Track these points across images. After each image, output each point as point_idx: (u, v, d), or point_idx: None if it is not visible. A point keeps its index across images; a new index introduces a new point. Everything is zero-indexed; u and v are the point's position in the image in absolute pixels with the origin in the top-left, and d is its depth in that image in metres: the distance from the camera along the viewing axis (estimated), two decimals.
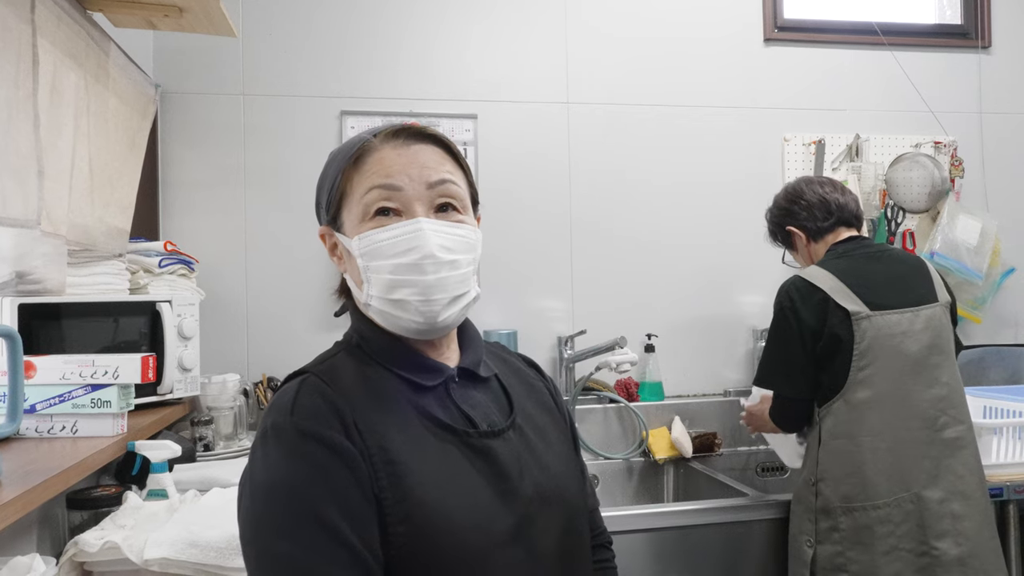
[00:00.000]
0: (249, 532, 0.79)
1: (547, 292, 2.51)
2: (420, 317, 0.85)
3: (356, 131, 2.06)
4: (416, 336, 0.88)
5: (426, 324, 0.86)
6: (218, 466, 1.71)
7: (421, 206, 0.86)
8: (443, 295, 0.85)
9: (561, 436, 0.99)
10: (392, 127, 0.90)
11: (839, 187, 1.92)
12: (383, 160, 0.87)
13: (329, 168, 0.92)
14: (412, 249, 0.84)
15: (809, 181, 1.94)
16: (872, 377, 1.68)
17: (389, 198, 0.85)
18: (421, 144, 0.88)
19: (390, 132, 0.89)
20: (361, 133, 0.92)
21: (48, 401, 1.45)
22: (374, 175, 0.86)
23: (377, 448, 0.80)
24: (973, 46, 2.78)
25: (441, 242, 0.85)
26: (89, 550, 1.18)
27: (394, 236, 0.84)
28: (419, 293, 0.84)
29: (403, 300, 0.85)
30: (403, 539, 0.79)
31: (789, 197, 1.94)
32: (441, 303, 0.85)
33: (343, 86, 2.42)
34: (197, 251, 2.20)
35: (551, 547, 0.88)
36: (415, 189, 0.86)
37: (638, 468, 2.40)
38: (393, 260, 0.84)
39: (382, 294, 0.85)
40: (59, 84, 1.56)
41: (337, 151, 0.93)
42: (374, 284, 0.85)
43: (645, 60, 2.59)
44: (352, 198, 0.88)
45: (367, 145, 0.88)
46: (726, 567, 1.83)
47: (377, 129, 0.90)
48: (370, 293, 0.86)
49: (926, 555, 1.63)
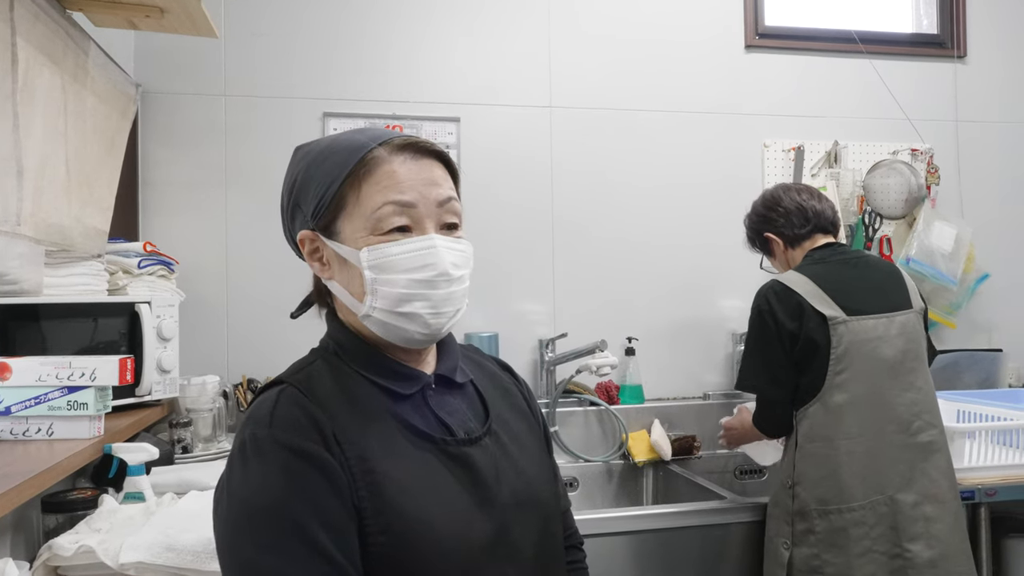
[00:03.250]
0: (228, 544, 0.79)
1: (529, 295, 2.52)
2: (427, 329, 0.86)
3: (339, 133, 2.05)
4: (411, 346, 0.89)
5: (429, 336, 0.88)
6: (196, 468, 1.70)
7: (431, 223, 0.87)
8: (451, 308, 0.88)
9: (535, 439, 1.00)
10: (397, 138, 0.87)
11: (816, 194, 1.94)
12: (395, 175, 0.85)
13: (315, 171, 0.88)
14: (427, 266, 0.85)
15: (787, 188, 1.96)
16: (848, 381, 1.70)
17: (403, 214, 0.85)
18: (428, 160, 0.88)
19: (398, 145, 0.87)
20: (352, 137, 0.89)
21: (23, 403, 1.44)
22: (387, 189, 0.85)
23: (356, 459, 0.81)
24: (949, 55, 2.83)
25: (452, 259, 0.87)
26: (63, 554, 1.17)
27: (408, 251, 0.85)
28: (431, 307, 0.86)
29: (413, 313, 0.85)
30: (383, 549, 0.79)
31: (767, 204, 1.96)
32: (448, 316, 0.88)
33: (325, 88, 2.42)
34: (177, 252, 2.18)
35: (529, 551, 0.89)
36: (427, 207, 0.86)
37: (618, 471, 2.41)
38: (407, 275, 0.84)
39: (390, 307, 0.85)
40: (34, 83, 1.54)
41: (321, 153, 0.89)
42: (382, 297, 0.85)
43: (628, 65, 2.60)
44: (359, 209, 0.85)
45: (375, 155, 0.86)
46: (704, 570, 1.84)
47: (376, 136, 0.88)
48: (374, 305, 0.85)
49: (899, 557, 1.65)
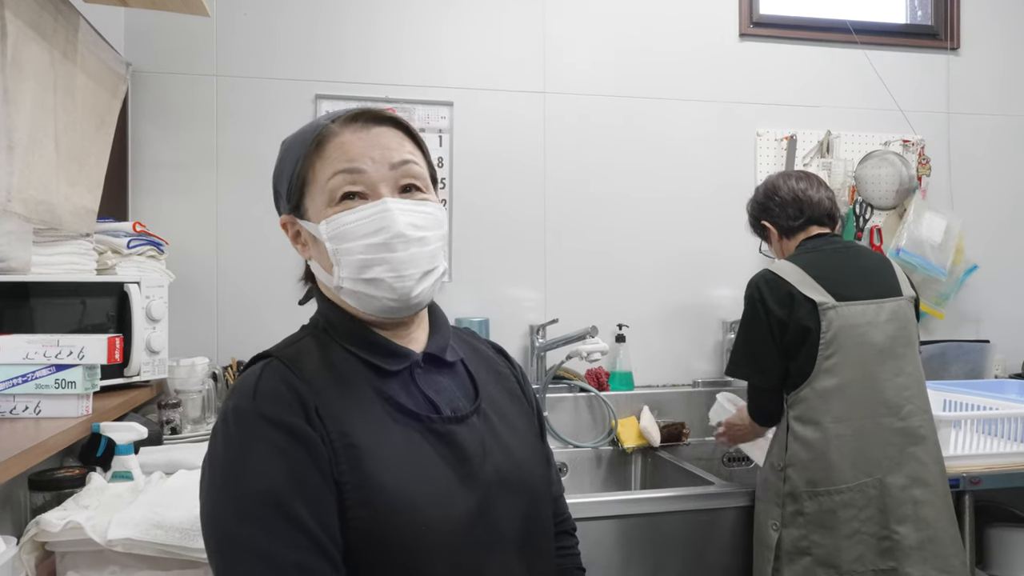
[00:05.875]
0: (209, 516, 0.80)
1: (520, 281, 2.52)
2: (394, 294, 0.86)
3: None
4: (389, 315, 0.89)
5: (400, 301, 0.86)
6: (185, 449, 1.69)
7: (386, 187, 0.87)
8: (415, 270, 0.86)
9: (527, 423, 1.00)
10: (349, 112, 0.90)
11: (816, 183, 1.94)
12: (344, 145, 0.87)
13: (287, 156, 0.92)
14: (381, 229, 0.85)
15: (787, 176, 1.97)
16: (838, 366, 1.72)
17: (354, 182, 0.86)
18: (380, 127, 0.89)
19: (348, 117, 0.89)
20: (317, 119, 0.92)
21: (10, 381, 1.43)
22: (336, 160, 0.87)
23: (338, 433, 0.81)
24: (942, 47, 2.83)
25: (409, 220, 0.86)
26: (51, 530, 1.16)
27: (361, 218, 0.85)
28: (391, 270, 0.85)
29: (376, 279, 0.85)
30: (363, 523, 0.79)
31: (767, 192, 1.98)
32: (414, 278, 0.86)
33: (318, 70, 2.40)
34: (167, 234, 2.16)
35: (512, 531, 0.88)
36: (379, 171, 0.87)
37: (607, 457, 2.42)
38: (362, 241, 0.85)
39: (354, 275, 0.85)
40: (23, 57, 1.52)
41: (292, 139, 0.93)
42: (345, 266, 0.86)
43: (623, 52, 2.60)
44: (315, 185, 0.88)
45: (326, 131, 0.88)
46: (692, 554, 1.86)
47: (334, 115, 0.90)
48: (341, 275, 0.86)
49: (887, 539, 1.67)
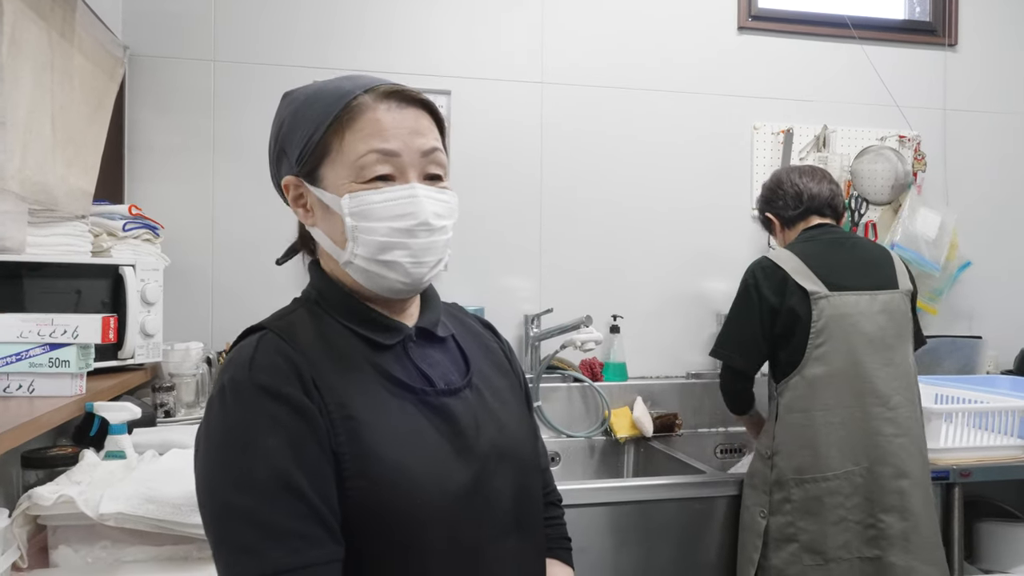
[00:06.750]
0: (206, 486, 0.79)
1: (515, 270, 2.53)
2: (408, 278, 0.87)
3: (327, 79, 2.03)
4: (393, 296, 0.89)
5: (410, 285, 0.88)
6: (178, 430, 1.70)
7: (414, 172, 0.86)
8: (431, 258, 0.87)
9: (515, 396, 1.01)
10: (382, 85, 0.87)
11: (819, 176, 1.97)
12: (380, 122, 0.85)
13: (302, 116, 0.88)
14: (408, 214, 0.85)
15: (791, 170, 2.00)
16: (828, 354, 1.73)
17: (387, 162, 0.85)
18: (414, 109, 0.88)
19: (384, 92, 0.87)
20: (339, 83, 0.89)
21: (4, 359, 1.43)
22: (371, 137, 0.85)
23: (335, 404, 0.81)
24: (940, 43, 2.84)
25: (434, 209, 0.86)
26: (43, 503, 1.17)
27: (389, 199, 0.84)
28: (411, 256, 0.86)
29: (394, 262, 0.85)
30: (361, 494, 0.80)
31: (772, 185, 2.02)
32: (429, 265, 0.88)
33: (316, 56, 2.39)
34: (163, 217, 2.16)
35: (506, 502, 0.90)
36: (410, 156, 0.86)
37: (599, 446, 2.43)
38: (388, 223, 0.84)
39: (371, 254, 0.85)
40: (21, 36, 1.52)
41: (309, 98, 0.89)
42: (363, 244, 0.85)
43: (621, 43, 2.60)
44: (342, 156, 0.85)
45: (358, 102, 0.86)
46: (682, 541, 1.87)
47: (363, 83, 0.87)
48: (356, 252, 0.85)
49: (873, 527, 1.69)
